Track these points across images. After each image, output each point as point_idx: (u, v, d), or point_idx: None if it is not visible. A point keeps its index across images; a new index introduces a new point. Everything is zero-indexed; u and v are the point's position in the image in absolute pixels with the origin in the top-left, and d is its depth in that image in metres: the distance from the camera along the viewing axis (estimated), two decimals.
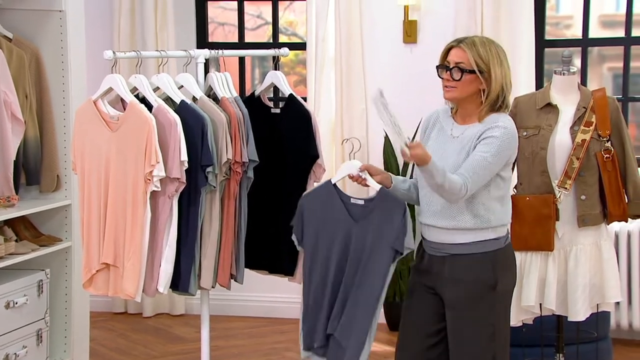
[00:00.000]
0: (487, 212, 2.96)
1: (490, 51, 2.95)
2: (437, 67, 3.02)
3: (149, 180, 3.18)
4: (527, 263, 3.63)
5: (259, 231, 3.46)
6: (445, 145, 3.02)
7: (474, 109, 2.99)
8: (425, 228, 3.05)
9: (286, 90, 3.55)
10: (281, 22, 5.70)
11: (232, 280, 3.46)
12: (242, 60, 5.64)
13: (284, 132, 3.42)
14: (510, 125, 2.95)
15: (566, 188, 3.56)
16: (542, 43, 5.16)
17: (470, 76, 2.94)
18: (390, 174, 3.12)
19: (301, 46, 5.53)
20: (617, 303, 4.25)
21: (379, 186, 3.08)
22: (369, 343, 3.10)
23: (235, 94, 3.50)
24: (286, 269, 3.49)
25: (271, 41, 5.61)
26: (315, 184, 3.41)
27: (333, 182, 3.19)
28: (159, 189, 3.21)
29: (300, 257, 3.41)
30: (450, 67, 2.97)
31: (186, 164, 3.21)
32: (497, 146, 2.90)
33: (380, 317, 3.17)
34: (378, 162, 5.08)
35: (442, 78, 3.00)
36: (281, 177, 3.44)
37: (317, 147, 3.42)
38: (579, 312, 3.58)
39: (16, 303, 4.01)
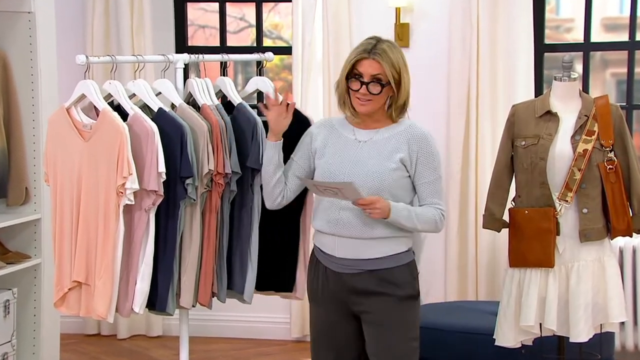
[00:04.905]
0: None
1: (399, 57, 3.10)
2: (347, 78, 3.08)
3: (121, 193, 3.19)
4: (526, 280, 3.64)
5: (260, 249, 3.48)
6: (349, 149, 3.13)
7: (381, 115, 3.14)
8: (332, 240, 3.11)
9: (277, 97, 3.57)
10: (265, 25, 5.72)
11: (214, 299, 3.47)
12: (224, 65, 5.65)
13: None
14: (427, 130, 3.15)
15: (567, 201, 3.59)
16: (541, 47, 5.20)
17: (386, 88, 3.07)
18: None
19: (287, 50, 5.55)
20: (622, 323, 4.27)
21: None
22: None
23: (217, 101, 3.51)
24: (283, 284, 3.53)
25: (255, 45, 5.62)
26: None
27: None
28: (133, 202, 3.22)
29: (299, 270, 3.47)
30: (367, 81, 3.06)
31: (164, 176, 3.22)
32: (439, 159, 3.15)
33: None
34: None
35: (352, 90, 3.08)
36: None
37: None
38: (581, 333, 3.60)
39: None
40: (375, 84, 3.06)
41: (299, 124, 3.42)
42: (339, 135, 3.17)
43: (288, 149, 3.30)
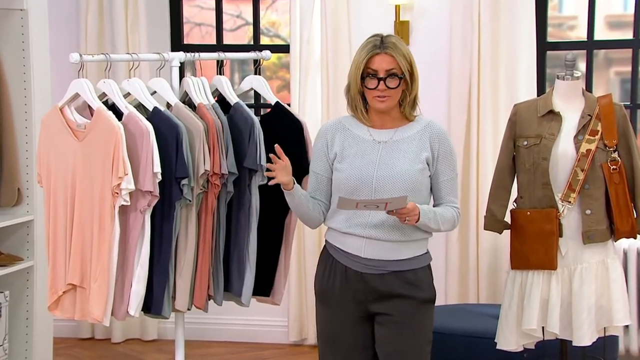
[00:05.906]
0: None
1: (407, 49, 3.14)
2: (364, 77, 3.09)
3: (117, 193, 3.20)
4: (529, 283, 3.65)
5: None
6: (369, 150, 3.12)
7: (397, 113, 3.16)
8: (359, 241, 3.11)
9: (271, 97, 3.58)
10: (263, 23, 5.73)
11: (211, 302, 3.48)
12: (220, 64, 5.65)
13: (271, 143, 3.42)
14: (444, 127, 3.22)
15: (570, 202, 3.60)
16: (543, 45, 5.21)
17: (402, 81, 3.10)
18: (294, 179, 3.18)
19: (284, 48, 5.56)
20: (626, 326, 4.29)
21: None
22: None
23: (213, 100, 3.52)
24: (261, 288, 3.53)
25: (252, 43, 5.63)
26: None
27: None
28: (129, 203, 3.22)
29: (278, 274, 3.47)
30: (383, 76, 3.08)
31: (159, 176, 3.23)
32: (455, 157, 3.22)
33: None
34: None
35: (369, 89, 3.09)
36: (265, 191, 3.45)
37: (309, 158, 3.44)
38: (584, 336, 3.61)
39: None
40: (392, 77, 3.08)
41: (293, 125, 3.43)
42: (355, 136, 3.16)
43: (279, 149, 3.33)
